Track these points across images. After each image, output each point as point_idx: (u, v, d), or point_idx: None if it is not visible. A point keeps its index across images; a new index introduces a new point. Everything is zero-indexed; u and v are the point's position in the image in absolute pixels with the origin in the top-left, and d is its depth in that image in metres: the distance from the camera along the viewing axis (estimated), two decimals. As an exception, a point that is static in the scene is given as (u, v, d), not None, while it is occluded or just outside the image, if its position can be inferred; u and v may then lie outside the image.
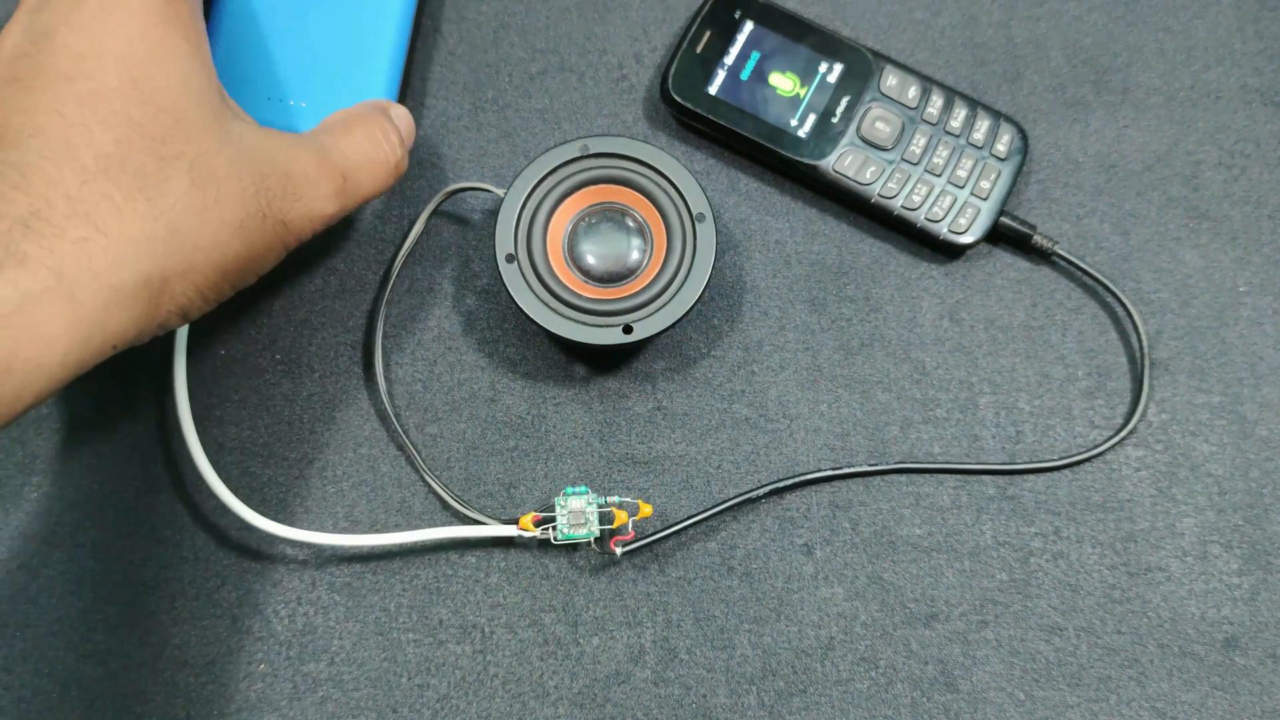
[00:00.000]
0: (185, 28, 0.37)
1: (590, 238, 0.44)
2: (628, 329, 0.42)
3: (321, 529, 0.44)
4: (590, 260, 0.43)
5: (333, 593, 0.44)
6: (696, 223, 0.43)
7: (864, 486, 0.45)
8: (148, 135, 0.34)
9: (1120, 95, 0.49)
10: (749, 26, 0.48)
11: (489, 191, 0.45)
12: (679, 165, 0.43)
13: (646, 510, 0.43)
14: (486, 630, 0.44)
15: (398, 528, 0.45)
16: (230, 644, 0.44)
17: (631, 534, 0.43)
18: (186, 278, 0.35)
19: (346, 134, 0.40)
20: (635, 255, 0.43)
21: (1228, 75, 0.49)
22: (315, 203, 0.39)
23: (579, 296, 0.43)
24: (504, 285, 0.42)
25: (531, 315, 0.42)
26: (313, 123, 0.42)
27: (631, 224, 0.44)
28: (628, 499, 0.44)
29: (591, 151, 0.44)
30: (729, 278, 0.47)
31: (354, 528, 0.45)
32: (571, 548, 0.44)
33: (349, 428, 0.45)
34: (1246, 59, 0.49)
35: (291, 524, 0.44)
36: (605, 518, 0.43)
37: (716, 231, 0.43)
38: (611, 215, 0.44)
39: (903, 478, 0.45)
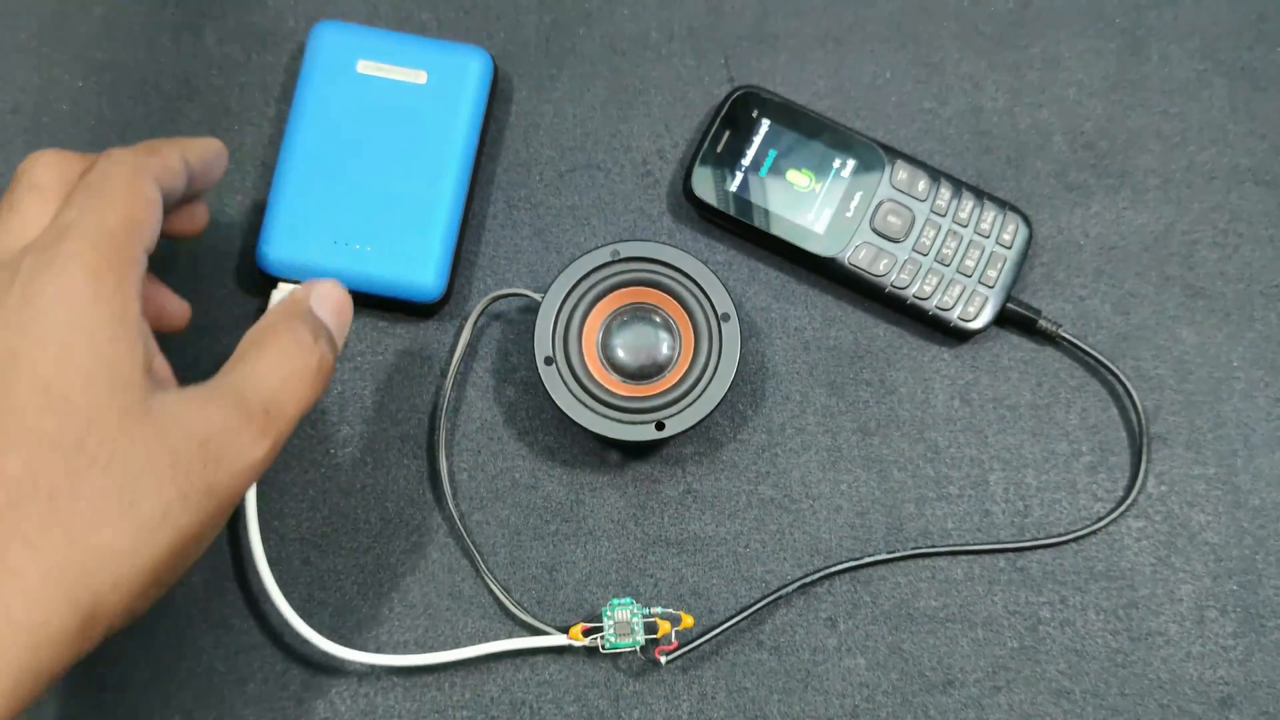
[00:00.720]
0: (110, 298, 0.35)
1: (622, 337, 0.46)
2: (660, 425, 0.45)
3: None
4: (622, 357, 0.46)
5: (391, 674, 0.47)
6: (722, 322, 0.46)
7: (883, 564, 0.49)
8: (59, 447, 0.33)
9: (1119, 179, 0.52)
10: (766, 125, 0.50)
11: (527, 297, 0.48)
12: (704, 267, 0.46)
13: (688, 621, 0.46)
14: (534, 706, 0.47)
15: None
16: (297, 724, 0.47)
17: (675, 644, 0.46)
18: (119, 588, 0.33)
19: (259, 358, 0.38)
20: (665, 352, 0.46)
21: (1220, 156, 0.52)
22: (240, 456, 0.36)
23: (613, 395, 0.46)
24: (543, 386, 0.45)
25: (570, 415, 0.45)
26: (378, 265, 0.45)
27: (660, 323, 0.47)
28: (670, 610, 0.47)
29: (622, 256, 0.46)
30: (752, 364, 0.50)
31: (409, 612, 0.48)
32: (616, 654, 0.48)
33: (401, 518, 0.49)
34: (1238, 140, 0.52)
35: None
36: (649, 627, 0.46)
37: (740, 326, 0.46)
38: (642, 315, 0.47)
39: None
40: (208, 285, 0.50)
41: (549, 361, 0.46)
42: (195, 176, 0.42)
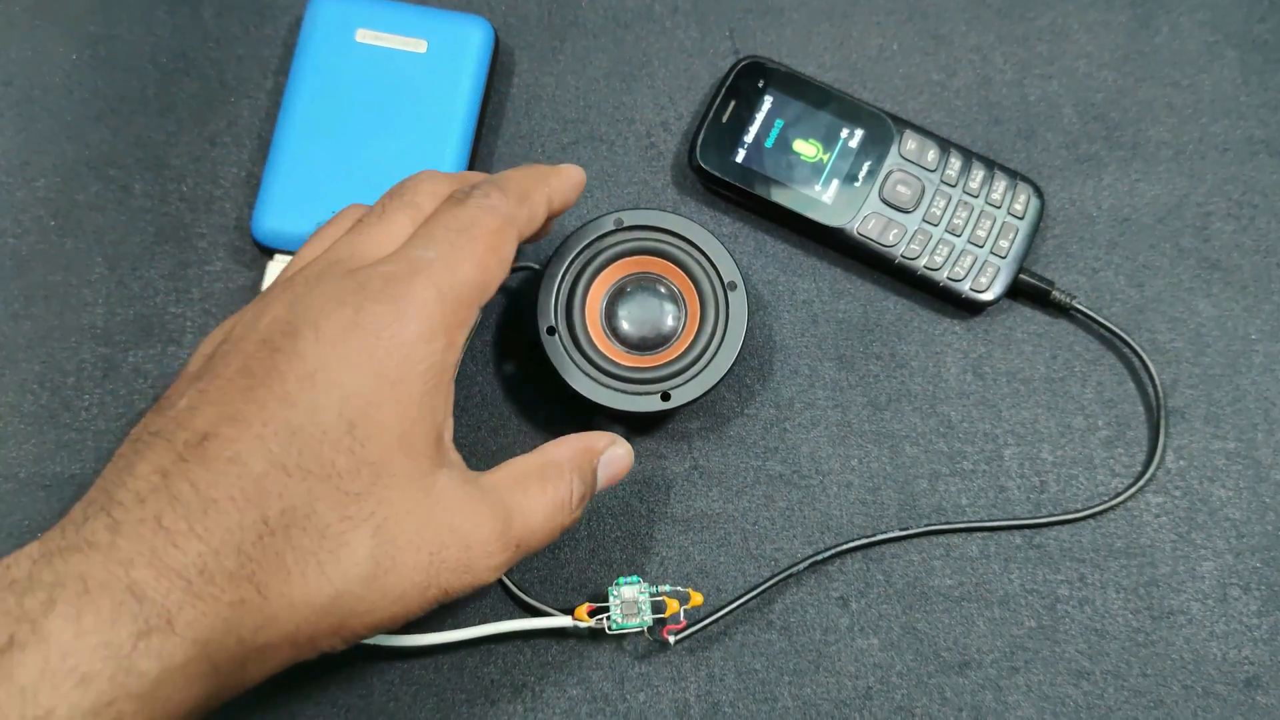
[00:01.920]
0: (436, 359, 0.35)
1: (626, 307, 0.45)
2: (665, 396, 0.44)
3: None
4: (626, 328, 0.45)
5: (387, 655, 0.46)
6: (728, 291, 0.45)
7: (896, 542, 0.47)
8: (343, 490, 0.32)
9: (1131, 150, 0.51)
10: (772, 95, 0.49)
11: (529, 267, 0.47)
12: (710, 235, 0.45)
13: (697, 599, 0.44)
14: (536, 689, 0.45)
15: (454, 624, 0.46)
16: (292, 710, 0.45)
17: (683, 623, 0.44)
18: (337, 634, 0.33)
19: (537, 496, 0.37)
20: (670, 322, 0.45)
21: (1234, 128, 0.51)
22: (480, 575, 0.36)
23: (618, 365, 0.44)
24: (546, 357, 0.44)
25: (574, 385, 0.44)
26: None
27: (665, 293, 0.45)
28: (679, 588, 0.45)
29: (625, 225, 0.45)
30: (759, 338, 0.49)
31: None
32: (623, 635, 0.46)
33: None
34: (1251, 111, 0.51)
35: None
36: (657, 606, 0.45)
37: (747, 296, 0.45)
38: (646, 285, 0.46)
39: (932, 528, 0.47)
40: (202, 259, 0.49)
41: (551, 331, 0.44)
42: (551, 213, 0.41)
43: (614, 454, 0.41)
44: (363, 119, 0.48)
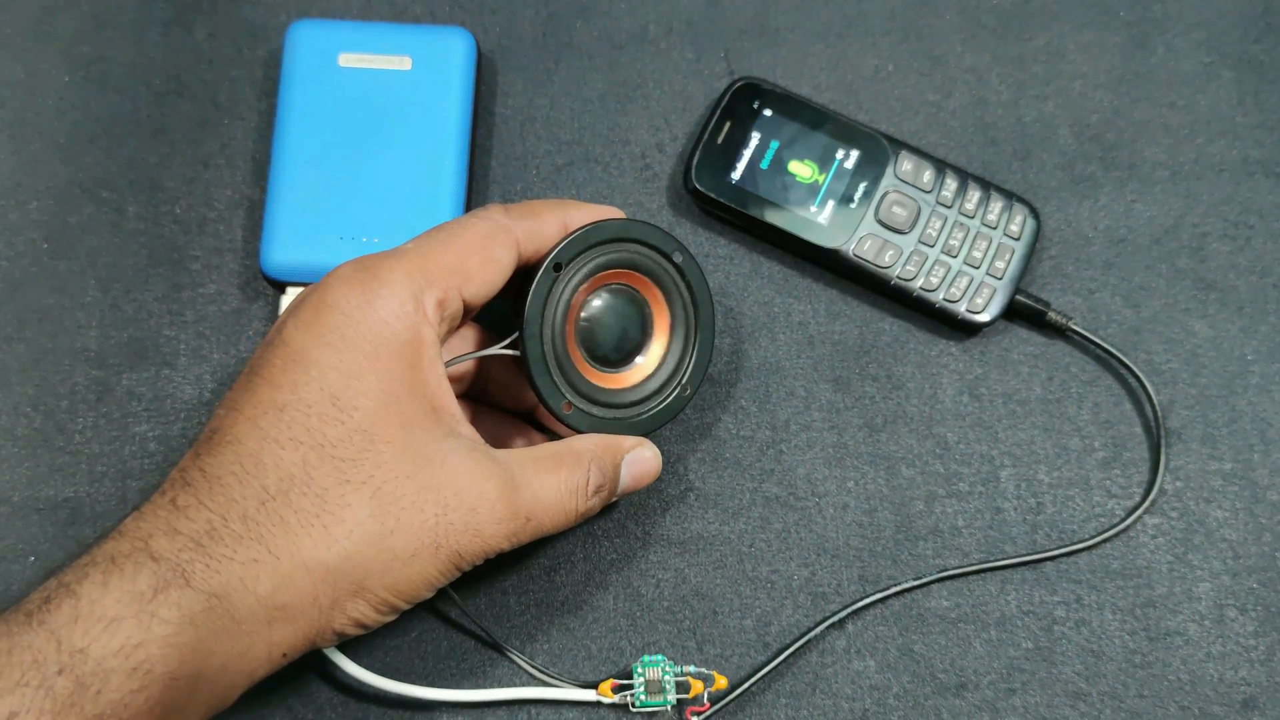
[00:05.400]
0: (405, 340, 0.36)
1: (596, 331, 0.42)
2: (685, 388, 0.43)
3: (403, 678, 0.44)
4: (609, 348, 0.43)
5: (402, 706, 0.44)
6: (675, 260, 0.42)
7: (892, 561, 0.47)
8: (336, 456, 0.35)
9: (1127, 171, 0.51)
10: (767, 116, 0.49)
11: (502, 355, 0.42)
12: (643, 224, 0.42)
13: (722, 682, 0.44)
14: (532, 712, 0.45)
15: (479, 684, 0.45)
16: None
17: (706, 705, 0.44)
18: (359, 596, 0.35)
19: (550, 474, 0.39)
20: (640, 319, 0.43)
21: (1230, 148, 0.51)
22: (491, 540, 0.37)
23: (632, 390, 0.43)
24: (571, 428, 0.42)
25: (624, 431, 0.42)
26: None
27: (619, 291, 0.43)
28: (703, 670, 0.45)
29: (564, 263, 0.41)
30: (755, 360, 0.49)
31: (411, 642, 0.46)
32: (647, 712, 0.45)
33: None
34: (1247, 131, 0.51)
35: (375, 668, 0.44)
36: (681, 686, 0.44)
37: (700, 266, 0.43)
38: (597, 298, 0.43)
39: (929, 550, 0.47)
40: (195, 282, 0.49)
41: (569, 406, 0.41)
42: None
43: (640, 454, 0.42)
44: (358, 142, 0.48)
